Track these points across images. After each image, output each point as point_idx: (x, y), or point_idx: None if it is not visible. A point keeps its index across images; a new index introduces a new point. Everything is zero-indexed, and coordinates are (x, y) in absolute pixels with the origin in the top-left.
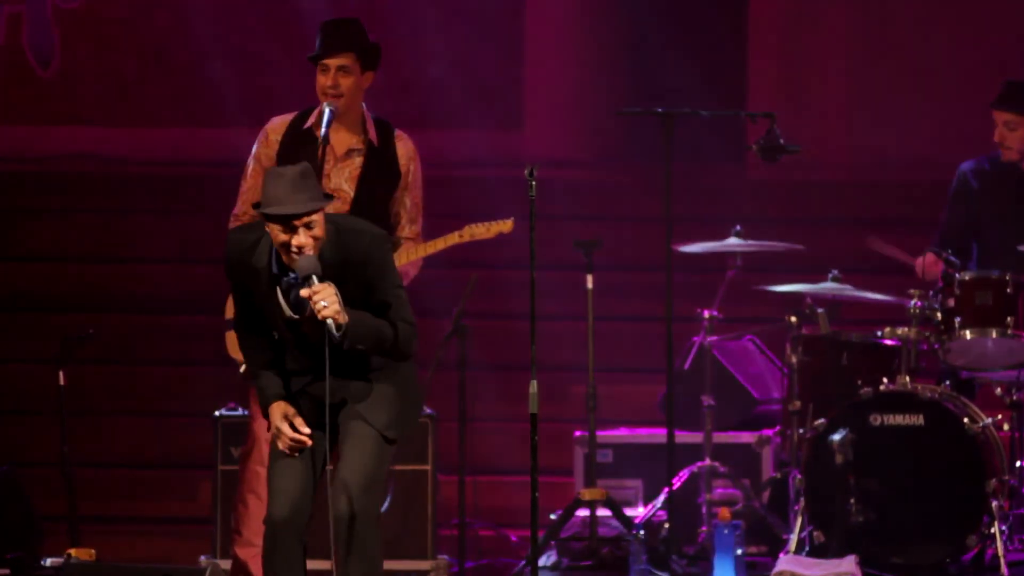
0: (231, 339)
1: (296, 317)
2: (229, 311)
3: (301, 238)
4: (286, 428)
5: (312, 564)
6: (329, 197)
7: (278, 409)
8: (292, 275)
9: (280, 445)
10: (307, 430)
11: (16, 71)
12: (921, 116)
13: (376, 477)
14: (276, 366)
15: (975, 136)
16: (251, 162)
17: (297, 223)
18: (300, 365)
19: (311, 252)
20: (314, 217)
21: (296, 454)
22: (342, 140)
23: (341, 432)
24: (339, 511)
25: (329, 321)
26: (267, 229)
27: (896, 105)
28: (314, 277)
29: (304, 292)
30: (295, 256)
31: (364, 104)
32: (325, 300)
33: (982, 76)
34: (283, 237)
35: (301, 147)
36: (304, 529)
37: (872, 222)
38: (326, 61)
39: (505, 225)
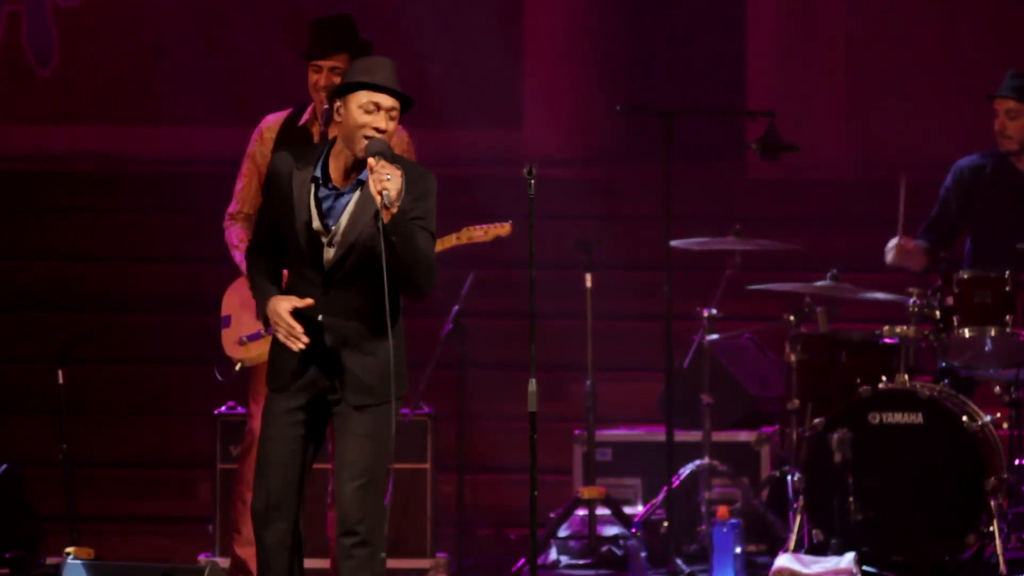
0: (227, 338)
1: (325, 232)
2: (225, 308)
3: (383, 121)
4: (285, 314)
5: (312, 563)
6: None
7: (280, 298)
8: (339, 189)
9: (278, 334)
10: (299, 331)
11: (15, 70)
12: (920, 114)
13: (379, 475)
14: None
15: (974, 134)
16: (246, 161)
17: (384, 104)
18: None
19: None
20: (395, 111)
21: (295, 343)
22: None
23: (338, 429)
24: (345, 521)
25: (385, 193)
26: (339, 118)
27: (895, 103)
28: (377, 157)
29: (371, 161)
30: (367, 140)
31: None
32: (390, 175)
33: (982, 73)
34: (364, 118)
35: (296, 143)
36: (290, 524)
37: (871, 220)
38: (319, 62)
39: (503, 228)
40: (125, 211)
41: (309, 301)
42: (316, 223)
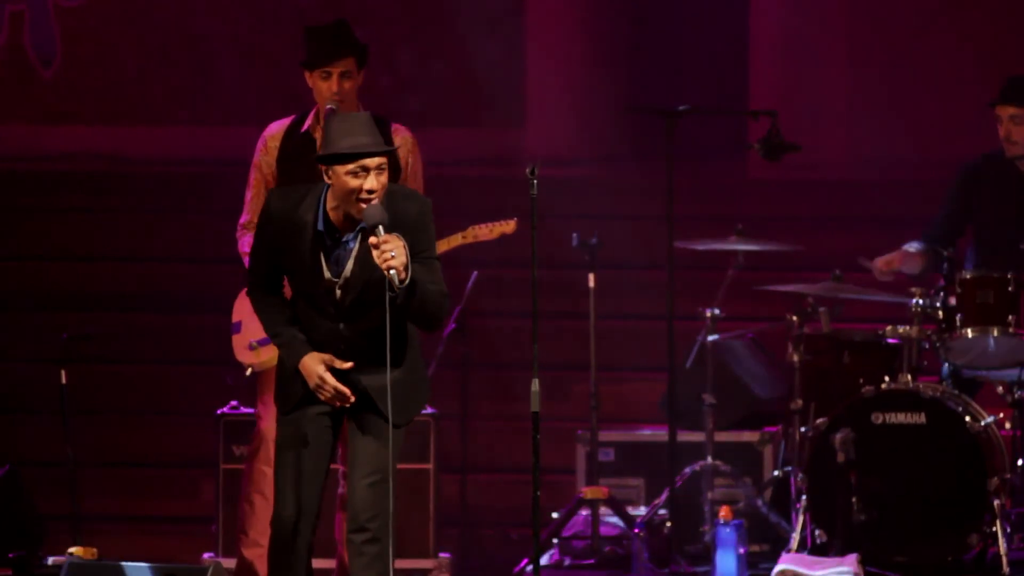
0: (238, 343)
1: (336, 280)
2: (236, 314)
3: (373, 182)
4: (330, 378)
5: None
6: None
7: (315, 358)
8: (341, 235)
9: (322, 396)
10: (347, 371)
11: (18, 70)
12: (923, 114)
13: (389, 474)
14: (297, 325)
15: (977, 134)
16: (252, 171)
17: (371, 165)
18: (320, 338)
19: (377, 201)
20: (384, 165)
21: (338, 404)
22: None
23: (351, 430)
24: (357, 517)
25: (392, 272)
26: (330, 179)
27: (898, 103)
28: (381, 228)
29: (372, 240)
30: (363, 205)
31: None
32: (394, 250)
33: (984, 74)
34: (354, 183)
35: (301, 150)
36: (312, 529)
37: (874, 221)
38: (329, 68)
39: (508, 226)
40: (128, 211)
41: (348, 364)
42: (327, 274)
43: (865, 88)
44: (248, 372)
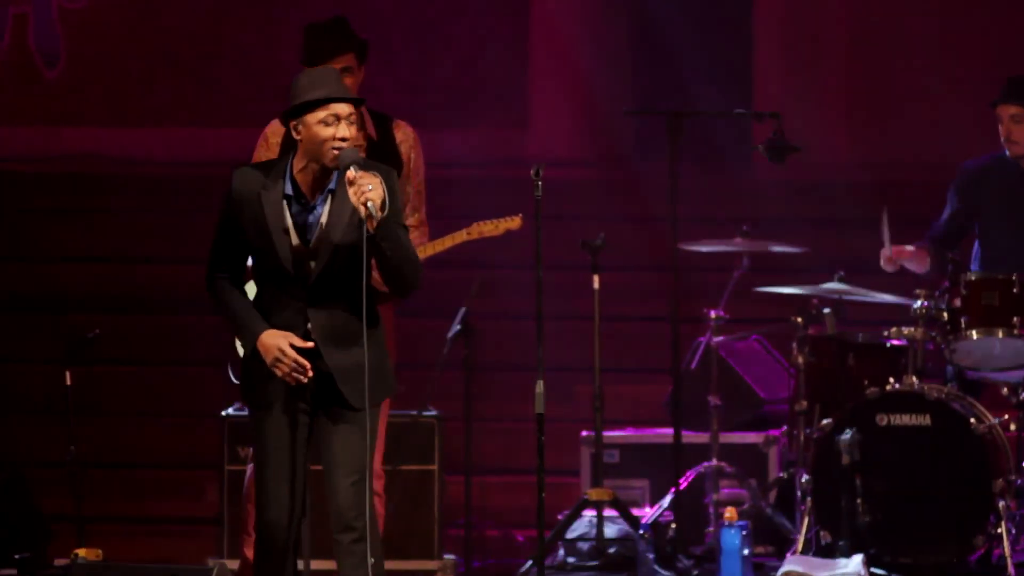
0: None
1: (306, 247)
2: None
3: (345, 130)
4: (289, 350)
5: (321, 565)
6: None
7: (273, 334)
8: (309, 201)
9: (280, 370)
10: (307, 354)
11: (22, 72)
12: (928, 116)
13: (368, 471)
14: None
15: (981, 136)
16: None
17: (342, 113)
18: (286, 322)
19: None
20: (354, 116)
21: (300, 378)
22: None
23: (325, 429)
24: (343, 517)
25: (370, 203)
26: (299, 135)
27: (902, 105)
28: (354, 167)
29: (349, 175)
30: (336, 152)
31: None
32: (371, 184)
33: (989, 75)
34: (326, 132)
35: None
36: (298, 531)
37: (878, 222)
38: (329, 64)
39: (513, 222)
40: (132, 212)
41: (308, 344)
42: (296, 240)
43: (869, 89)
44: None
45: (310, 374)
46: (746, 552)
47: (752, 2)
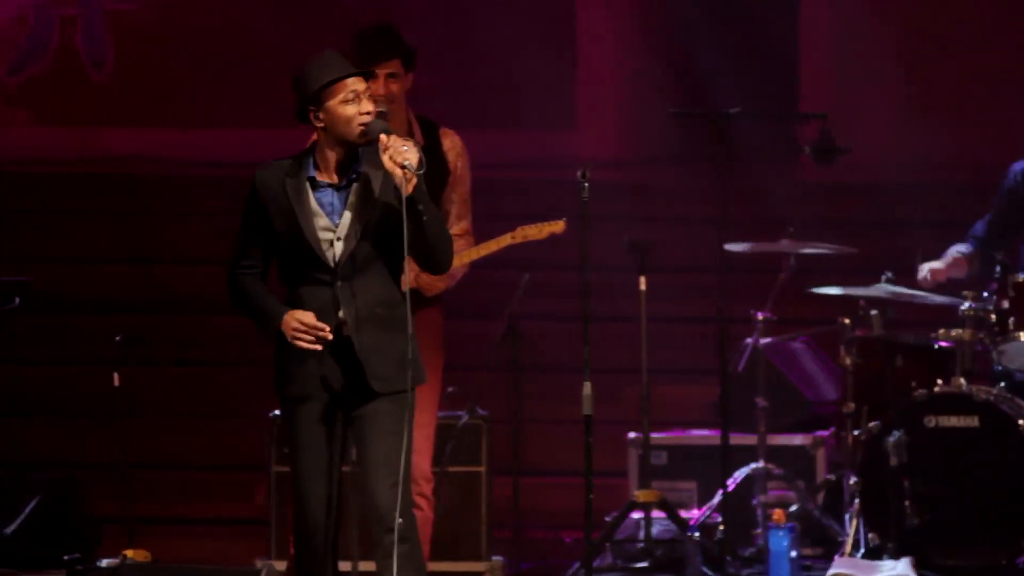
0: None
1: (334, 229)
2: None
3: (367, 104)
4: (305, 317)
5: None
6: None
7: (292, 313)
8: (334, 186)
9: (302, 342)
10: (338, 343)
11: (70, 73)
12: (975, 117)
13: (407, 472)
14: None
15: None
16: None
17: (360, 89)
18: (316, 310)
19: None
20: (369, 92)
21: (318, 347)
22: None
23: (361, 429)
24: (384, 519)
25: (408, 163)
26: (321, 122)
27: (950, 106)
28: (383, 135)
29: (383, 140)
30: (363, 127)
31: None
32: (405, 145)
33: None
34: (350, 110)
35: None
36: (337, 530)
37: (925, 224)
38: (375, 69)
39: (557, 226)
40: (181, 214)
41: (327, 329)
42: (324, 221)
43: (916, 89)
44: None
45: (330, 336)
46: (794, 554)
47: (799, 3)
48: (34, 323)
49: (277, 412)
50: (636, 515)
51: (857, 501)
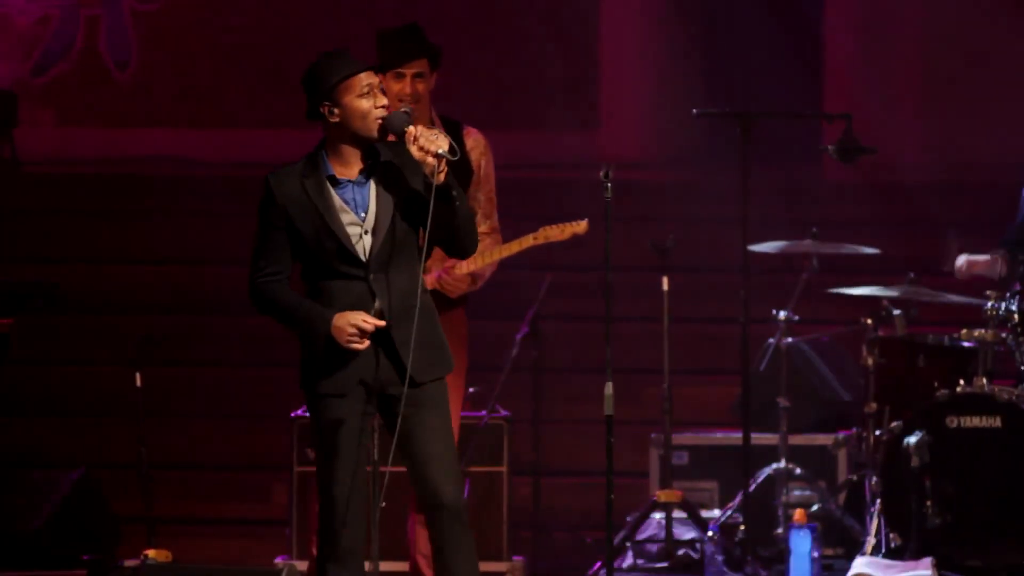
0: None
1: (361, 223)
2: None
3: (383, 98)
4: (359, 320)
5: (389, 567)
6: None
7: (344, 315)
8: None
9: (357, 344)
10: (380, 322)
11: (94, 73)
12: (999, 116)
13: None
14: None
15: None
16: None
17: (375, 83)
18: (351, 306)
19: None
20: (382, 86)
21: (366, 344)
22: None
23: (413, 424)
24: (442, 511)
25: (441, 150)
26: (335, 118)
27: (974, 106)
28: (406, 127)
29: (410, 130)
30: (380, 120)
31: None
32: (434, 133)
33: None
34: (366, 104)
35: None
36: (363, 530)
37: (949, 223)
38: (402, 69)
39: (579, 226)
40: (202, 214)
41: (381, 322)
42: (351, 216)
43: (940, 89)
44: None
45: (382, 324)
46: (815, 554)
47: (824, 2)
48: (56, 323)
49: (299, 412)
50: (657, 515)
51: (879, 501)
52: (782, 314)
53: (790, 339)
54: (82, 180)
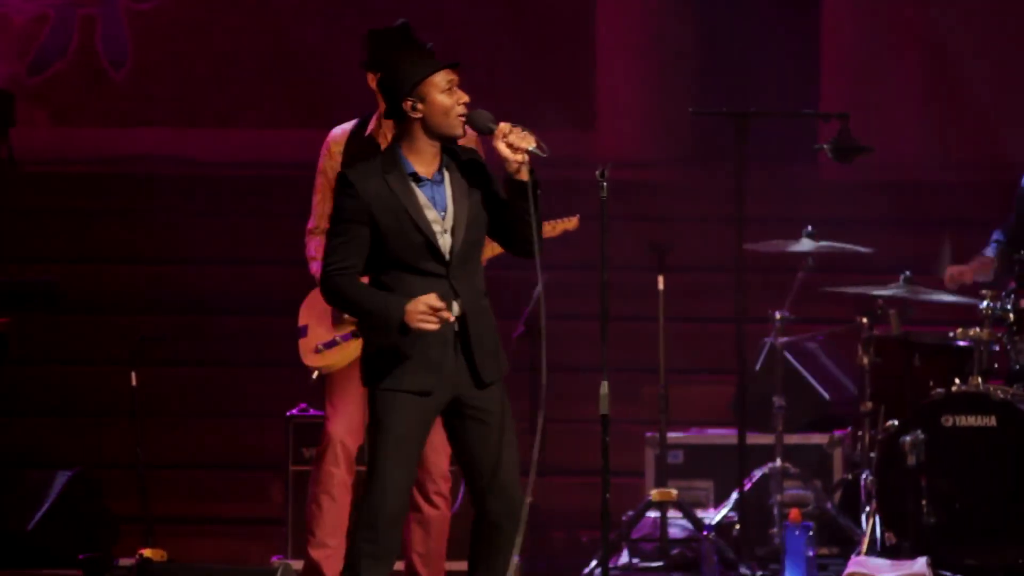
0: (304, 347)
1: (442, 220)
2: (303, 318)
3: (463, 95)
4: (433, 301)
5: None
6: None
7: (416, 300)
8: (425, 179)
9: (431, 323)
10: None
11: (89, 73)
12: (995, 116)
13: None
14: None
15: None
16: (318, 177)
17: (455, 81)
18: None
19: None
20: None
21: (437, 326)
22: None
23: (484, 429)
24: (511, 515)
25: (532, 147)
26: (418, 113)
27: (969, 105)
28: (491, 124)
29: (503, 126)
30: (463, 118)
31: None
32: (523, 130)
33: None
34: (449, 100)
35: (365, 154)
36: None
37: (945, 222)
38: None
39: (570, 223)
40: (197, 214)
41: (451, 316)
42: (433, 214)
43: (936, 89)
44: (315, 375)
45: (451, 317)
46: (810, 553)
47: (820, 1)
48: (54, 322)
49: (294, 412)
50: (652, 514)
51: (874, 500)
52: (778, 313)
53: (786, 338)
54: (78, 179)
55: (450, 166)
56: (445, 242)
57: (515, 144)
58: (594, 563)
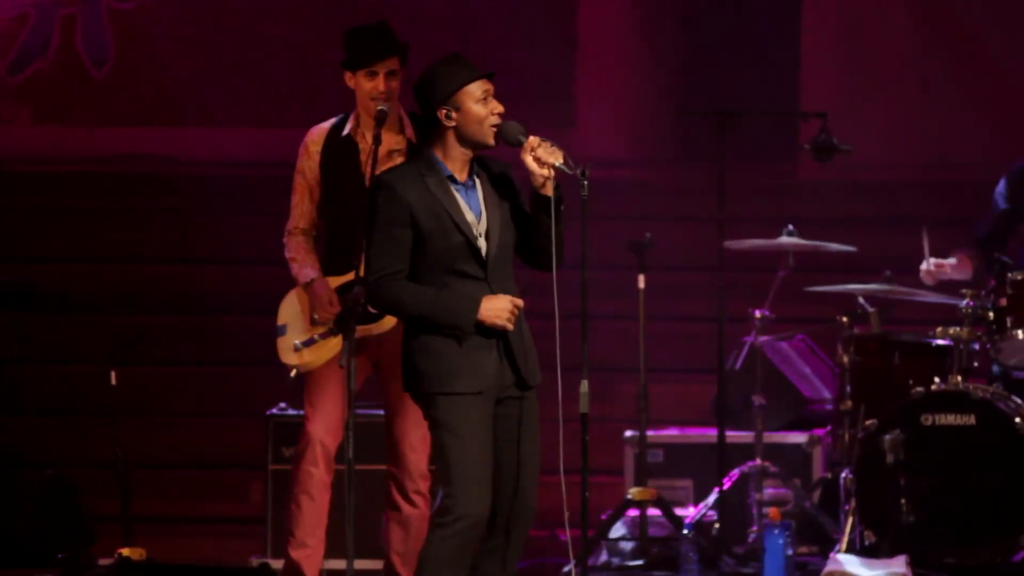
0: (283, 345)
1: (477, 223)
2: (281, 317)
3: (497, 104)
4: (516, 300)
5: (364, 565)
6: None
7: (491, 298)
8: (459, 182)
9: (511, 323)
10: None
11: (71, 72)
12: (975, 116)
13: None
14: None
15: None
16: (296, 176)
17: (490, 91)
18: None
19: None
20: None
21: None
22: (385, 141)
23: (516, 428)
24: (522, 514)
25: (559, 163)
26: (453, 122)
27: (950, 105)
28: (521, 136)
29: (532, 139)
30: (495, 128)
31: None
32: (552, 143)
33: None
34: (483, 110)
35: (342, 154)
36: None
37: (925, 222)
38: (375, 67)
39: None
40: (179, 213)
41: (519, 302)
42: (471, 217)
43: (916, 88)
44: (293, 374)
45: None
46: (789, 552)
47: (801, 2)
48: (31, 321)
49: (274, 411)
50: (632, 513)
51: (853, 499)
52: (758, 312)
53: (766, 337)
54: (58, 179)
55: (480, 175)
56: (482, 245)
57: (542, 158)
58: (573, 562)
